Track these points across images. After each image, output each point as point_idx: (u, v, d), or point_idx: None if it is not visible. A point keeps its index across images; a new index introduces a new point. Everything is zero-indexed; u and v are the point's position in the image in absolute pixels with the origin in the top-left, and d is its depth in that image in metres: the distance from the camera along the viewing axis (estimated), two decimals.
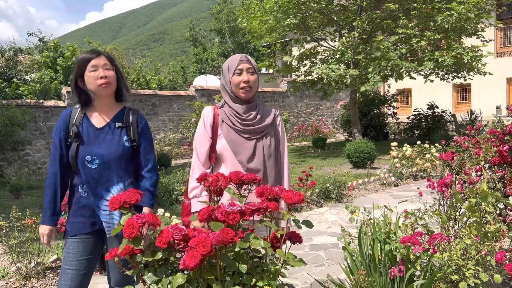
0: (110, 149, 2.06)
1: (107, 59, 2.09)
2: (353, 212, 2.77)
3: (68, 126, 2.08)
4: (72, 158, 2.04)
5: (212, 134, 2.13)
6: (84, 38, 20.68)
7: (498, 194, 2.20)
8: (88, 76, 2.04)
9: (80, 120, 2.08)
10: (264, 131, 2.13)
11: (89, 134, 2.07)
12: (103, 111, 2.13)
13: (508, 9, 16.01)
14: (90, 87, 2.06)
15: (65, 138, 2.07)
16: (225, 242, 1.31)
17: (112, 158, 2.05)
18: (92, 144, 2.05)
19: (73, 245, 2.05)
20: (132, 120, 2.14)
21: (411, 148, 7.82)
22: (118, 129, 2.11)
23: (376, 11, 10.50)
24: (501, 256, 1.93)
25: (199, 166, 2.12)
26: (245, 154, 2.06)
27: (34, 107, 10.89)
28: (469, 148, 2.62)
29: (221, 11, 35.04)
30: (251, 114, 2.11)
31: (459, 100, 19.14)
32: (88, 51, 2.14)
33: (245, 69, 2.08)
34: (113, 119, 2.13)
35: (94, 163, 2.03)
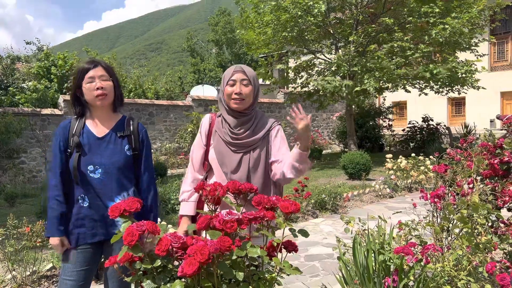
0: (112, 158, 2.08)
1: (105, 69, 2.10)
2: (348, 222, 2.80)
3: (68, 137, 2.08)
4: (74, 168, 2.03)
5: (206, 141, 2.17)
6: (82, 46, 20.77)
7: (489, 206, 2.24)
8: (85, 88, 2.06)
9: (80, 130, 2.09)
10: (253, 145, 2.09)
11: (90, 143, 2.08)
12: (102, 121, 2.14)
13: (501, 24, 16.28)
14: (87, 98, 2.08)
15: (65, 149, 2.08)
16: (223, 250, 1.35)
17: (115, 167, 2.07)
18: (94, 154, 2.06)
19: (73, 256, 2.07)
20: (133, 129, 2.17)
21: (406, 160, 7.89)
22: (119, 138, 2.12)
23: (371, 25, 10.66)
24: (491, 266, 1.97)
25: (192, 172, 2.17)
26: (230, 166, 2.06)
27: (31, 115, 10.90)
28: (461, 161, 2.67)
29: (218, 23, 35.35)
30: (242, 128, 2.08)
31: (454, 113, 19.32)
32: (86, 61, 2.14)
33: (239, 80, 2.05)
34: (114, 128, 2.14)
35: (96, 172, 2.05)
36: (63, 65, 14.63)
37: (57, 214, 2.04)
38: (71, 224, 2.08)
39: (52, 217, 2.05)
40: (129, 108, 12.73)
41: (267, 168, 2.11)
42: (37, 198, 8.65)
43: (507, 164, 2.76)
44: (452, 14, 9.80)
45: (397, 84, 10.17)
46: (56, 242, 2.04)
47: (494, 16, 12.50)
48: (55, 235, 2.04)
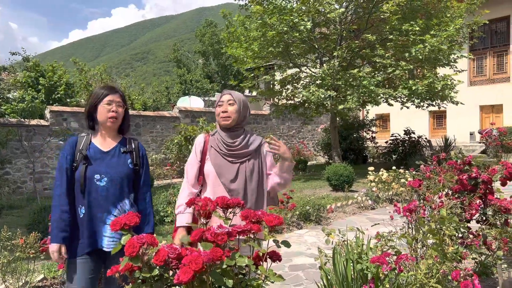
0: (117, 168, 2.31)
1: (121, 97, 2.40)
2: (328, 234, 2.99)
3: (75, 152, 2.30)
4: (81, 176, 2.24)
5: (201, 158, 2.40)
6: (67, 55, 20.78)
7: (457, 219, 2.46)
8: (102, 107, 2.32)
9: (87, 146, 2.33)
10: (248, 156, 2.35)
11: (97, 156, 2.31)
12: (108, 139, 2.39)
13: (480, 41, 16.90)
14: (101, 117, 2.34)
15: (71, 162, 2.29)
16: (215, 259, 1.52)
17: (119, 176, 2.30)
18: (100, 165, 2.29)
19: (79, 266, 2.23)
20: (134, 146, 2.44)
21: (387, 173, 8.14)
22: (123, 154, 2.38)
23: (355, 40, 11.00)
24: (456, 274, 2.17)
25: (187, 187, 2.39)
26: (228, 176, 2.29)
27: (16, 126, 10.88)
28: (432, 177, 2.89)
29: (205, 34, 35.61)
30: (237, 141, 2.35)
31: (435, 126, 19.85)
32: (107, 86, 2.42)
33: (225, 100, 2.37)
34: (118, 144, 2.40)
35: (102, 180, 2.26)
36: (51, 76, 14.62)
37: (60, 222, 2.20)
38: (74, 235, 2.25)
39: (54, 225, 2.21)
40: None
41: (261, 178, 2.37)
42: (23, 209, 8.65)
43: (475, 180, 2.99)
44: (431, 32, 10.20)
45: (378, 102, 10.51)
46: (54, 248, 2.19)
47: (473, 34, 13.02)
48: (57, 241, 2.20)
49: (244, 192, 2.29)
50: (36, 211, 5.47)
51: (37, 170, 11.09)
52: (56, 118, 11.72)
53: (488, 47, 18.23)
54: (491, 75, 18.19)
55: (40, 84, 14.59)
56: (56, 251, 2.19)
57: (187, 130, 11.56)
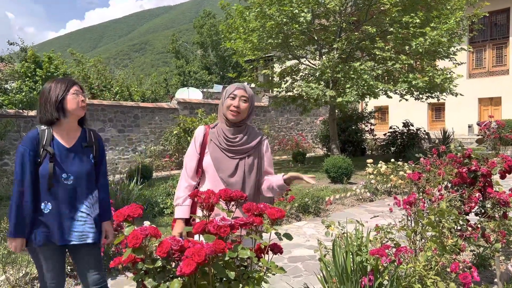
0: (81, 166, 2.35)
1: (81, 88, 2.43)
2: (328, 226, 3.01)
3: (37, 147, 2.27)
4: (50, 176, 2.24)
5: (200, 151, 2.38)
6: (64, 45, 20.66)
7: (456, 212, 2.48)
8: (71, 97, 2.32)
9: (49, 141, 2.29)
10: (247, 152, 2.35)
11: (61, 154, 2.31)
12: (69, 132, 2.39)
13: (479, 33, 16.86)
14: (71, 106, 2.33)
15: (34, 158, 2.25)
16: (217, 252, 1.53)
17: (83, 174, 2.35)
18: (65, 163, 2.31)
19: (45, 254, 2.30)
20: (94, 140, 2.48)
21: (385, 165, 8.17)
22: (84, 149, 2.41)
23: (355, 32, 10.96)
24: (455, 266, 2.19)
25: (186, 179, 2.38)
26: (227, 171, 2.29)
27: (14, 117, 10.84)
28: (432, 170, 2.91)
29: (203, 25, 35.43)
30: (238, 137, 2.33)
31: (434, 118, 19.88)
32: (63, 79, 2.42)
33: (239, 95, 2.31)
34: (79, 139, 2.41)
35: (69, 179, 2.30)
36: (48, 66, 14.54)
37: (25, 217, 2.23)
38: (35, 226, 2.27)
39: (19, 219, 2.22)
40: (114, 110, 12.77)
41: (259, 174, 2.38)
42: None
43: (474, 173, 3.01)
44: (431, 24, 10.16)
45: (377, 94, 10.50)
46: (20, 242, 2.24)
47: (472, 26, 12.99)
48: (20, 236, 2.23)
49: (242, 187, 2.30)
50: None
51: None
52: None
53: (488, 39, 18.20)
54: (490, 68, 18.19)
55: (37, 75, 14.50)
56: (19, 245, 2.24)
57: (186, 121, 11.55)
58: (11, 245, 2.25)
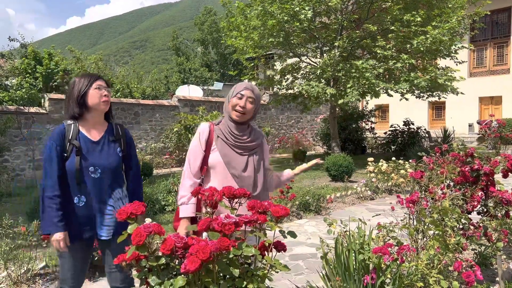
0: (109, 159, 2.36)
1: (106, 83, 2.43)
2: (330, 224, 3.00)
3: (64, 142, 2.29)
4: (76, 170, 2.26)
5: (206, 148, 2.34)
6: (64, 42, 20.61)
7: (459, 211, 2.47)
8: (93, 92, 2.33)
9: (76, 135, 2.31)
10: (254, 148, 2.37)
11: (88, 147, 2.32)
12: (95, 126, 2.40)
13: (481, 32, 16.85)
14: (93, 101, 2.33)
15: (61, 152, 2.27)
16: (222, 249, 1.52)
17: (111, 167, 2.35)
18: (92, 156, 2.31)
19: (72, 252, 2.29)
20: (121, 133, 2.48)
21: (386, 163, 8.16)
22: (111, 142, 2.41)
23: (356, 31, 10.93)
24: (458, 265, 2.19)
25: (190, 176, 2.33)
26: (238, 167, 2.28)
27: (15, 113, 10.83)
28: (435, 169, 2.90)
29: (204, 22, 35.36)
30: (245, 134, 2.34)
31: (434, 117, 19.87)
32: (90, 73, 2.47)
33: (246, 96, 2.30)
34: (106, 133, 2.42)
35: (97, 172, 2.30)
36: (48, 64, 14.51)
37: (58, 212, 2.23)
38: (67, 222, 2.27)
39: (52, 215, 2.22)
40: (114, 108, 12.74)
41: (264, 170, 2.41)
42: (22, 197, 8.66)
43: (477, 172, 3.00)
44: (433, 23, 10.13)
45: (378, 93, 10.48)
46: (60, 237, 2.22)
47: (474, 24, 12.97)
48: (58, 230, 2.22)
49: (254, 183, 2.30)
50: (36, 199, 5.48)
51: (36, 158, 11.08)
52: (55, 106, 11.67)
53: (489, 38, 18.18)
54: (491, 67, 18.17)
55: (37, 71, 14.48)
56: (62, 240, 2.22)
57: (187, 119, 11.54)
58: (54, 242, 2.23)
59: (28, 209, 5.41)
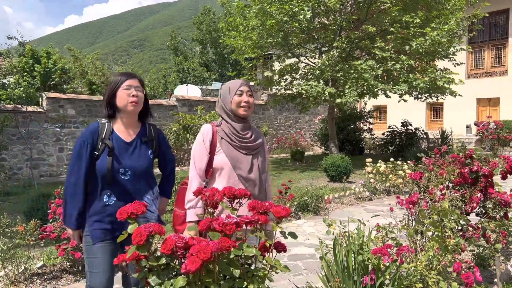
0: (140, 161, 2.32)
1: (139, 82, 2.35)
2: (330, 225, 3.00)
3: (96, 140, 2.25)
4: (108, 170, 2.21)
5: (210, 150, 2.33)
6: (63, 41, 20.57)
7: (458, 212, 2.48)
8: (122, 92, 2.27)
9: (109, 135, 2.28)
10: (257, 148, 2.38)
11: (120, 148, 2.28)
12: (129, 127, 2.35)
13: (479, 34, 16.89)
14: (121, 103, 2.28)
15: (91, 151, 2.24)
16: (223, 249, 1.52)
17: (142, 169, 2.32)
18: (123, 157, 2.28)
19: (100, 250, 2.25)
20: (154, 134, 2.44)
21: (384, 164, 8.17)
22: (143, 144, 2.37)
23: (355, 31, 10.94)
24: (458, 266, 2.19)
25: (197, 180, 2.31)
26: (245, 168, 2.29)
27: (12, 112, 10.80)
28: (434, 170, 2.91)
29: (203, 22, 35.32)
30: (248, 133, 2.36)
31: (432, 118, 19.91)
32: (124, 72, 2.40)
33: (245, 91, 2.35)
34: (139, 134, 2.37)
35: (127, 174, 2.26)
36: (46, 62, 14.46)
37: (78, 209, 2.22)
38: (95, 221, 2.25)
39: (72, 211, 2.23)
40: None
41: (267, 169, 2.46)
42: (19, 196, 8.63)
43: (476, 173, 3.01)
44: (432, 25, 10.15)
45: (376, 94, 10.49)
46: (77, 233, 2.26)
47: (472, 26, 13.00)
48: (73, 227, 2.24)
49: (260, 183, 2.34)
50: (34, 198, 5.46)
51: (34, 156, 11.05)
52: (52, 104, 11.64)
53: (487, 40, 18.23)
54: (489, 68, 18.22)
55: (35, 70, 14.43)
56: (77, 235, 2.26)
57: (185, 119, 11.50)
58: (70, 235, 2.29)
59: (25, 208, 5.38)
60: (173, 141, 13.15)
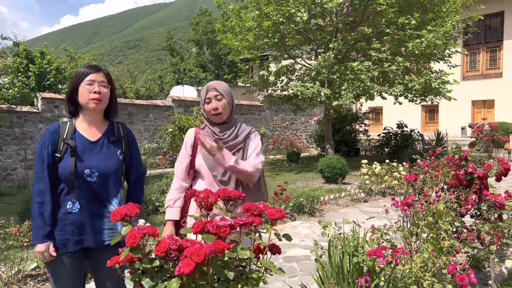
0: (108, 162, 2.12)
1: (105, 76, 2.15)
2: (325, 227, 3.00)
3: (58, 141, 2.07)
4: (71, 173, 2.02)
5: (192, 152, 2.39)
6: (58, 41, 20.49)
7: (453, 214, 2.48)
8: (83, 89, 2.08)
9: (71, 135, 2.08)
10: (237, 147, 2.34)
11: (84, 148, 2.09)
12: (94, 125, 2.16)
13: (474, 36, 16.98)
14: (82, 99, 2.09)
15: (53, 153, 2.06)
16: (217, 252, 1.51)
17: (110, 170, 2.12)
18: (89, 158, 2.08)
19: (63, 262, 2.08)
20: (123, 134, 2.24)
21: (380, 166, 8.19)
22: (112, 143, 2.18)
23: (351, 33, 10.97)
24: (452, 268, 2.19)
25: (177, 181, 2.39)
26: (220, 170, 2.28)
27: (7, 112, 10.73)
28: (429, 172, 2.91)
29: (199, 22, 35.31)
30: (226, 133, 2.34)
31: (427, 120, 19.98)
32: (89, 65, 2.18)
33: (213, 96, 2.30)
34: (106, 133, 2.18)
35: (93, 176, 2.07)
36: (41, 62, 14.39)
37: (47, 220, 2.02)
38: (58, 230, 2.06)
39: (42, 223, 2.02)
40: None
41: None
42: (14, 196, 8.58)
43: (471, 175, 3.02)
44: (428, 27, 10.19)
45: (372, 96, 10.52)
46: (43, 248, 2.01)
47: (467, 29, 13.06)
48: (43, 241, 2.01)
49: (235, 184, 2.31)
50: (28, 199, 5.42)
51: (28, 157, 10.98)
52: (47, 105, 11.57)
53: (482, 42, 18.33)
54: (484, 71, 18.32)
55: (30, 70, 14.36)
56: (46, 250, 2.02)
57: (181, 119, 11.49)
58: (38, 254, 2.03)
59: (19, 209, 5.35)
60: (169, 141, 13.13)
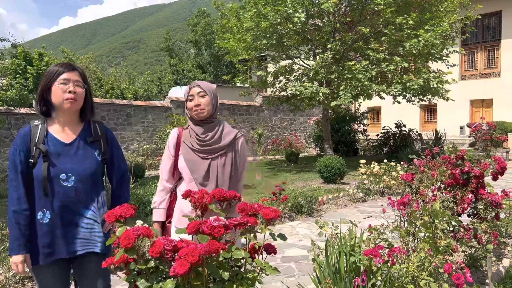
0: (84, 164, 2.00)
1: (80, 75, 2.04)
2: (322, 227, 3.00)
3: (29, 146, 1.95)
4: (44, 179, 1.90)
5: (175, 153, 2.36)
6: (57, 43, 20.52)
7: (449, 213, 2.48)
8: (56, 88, 1.96)
9: (43, 138, 1.96)
10: (221, 151, 2.29)
11: (58, 151, 1.97)
12: (68, 126, 2.04)
13: (472, 35, 17.00)
14: (55, 99, 1.97)
15: (26, 159, 1.94)
16: (212, 252, 1.51)
17: (88, 173, 2.00)
18: (64, 161, 1.96)
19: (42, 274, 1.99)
20: (100, 133, 2.12)
21: (378, 165, 8.19)
22: (88, 144, 2.05)
23: (349, 33, 10.98)
24: (448, 267, 2.19)
25: (161, 182, 2.40)
26: (200, 173, 2.26)
27: (5, 114, 10.72)
28: (426, 171, 2.91)
29: (197, 24, 35.34)
30: (208, 135, 2.29)
31: (426, 119, 20.00)
32: (62, 63, 2.05)
33: (195, 93, 2.29)
34: (81, 134, 2.06)
35: (70, 180, 1.95)
36: (39, 64, 14.39)
37: (24, 230, 1.91)
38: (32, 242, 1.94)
39: (18, 234, 1.90)
40: (106, 109, 12.68)
41: (235, 172, 2.32)
42: None
43: (467, 174, 3.02)
44: (425, 27, 10.20)
45: (370, 95, 10.53)
46: (19, 259, 1.90)
47: (465, 28, 13.08)
48: (20, 252, 1.90)
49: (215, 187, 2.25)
50: None
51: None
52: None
53: (480, 41, 18.35)
54: (482, 70, 18.33)
55: (28, 72, 14.36)
56: (20, 263, 1.90)
57: (180, 120, 11.48)
58: (13, 265, 1.91)
59: None
60: None
